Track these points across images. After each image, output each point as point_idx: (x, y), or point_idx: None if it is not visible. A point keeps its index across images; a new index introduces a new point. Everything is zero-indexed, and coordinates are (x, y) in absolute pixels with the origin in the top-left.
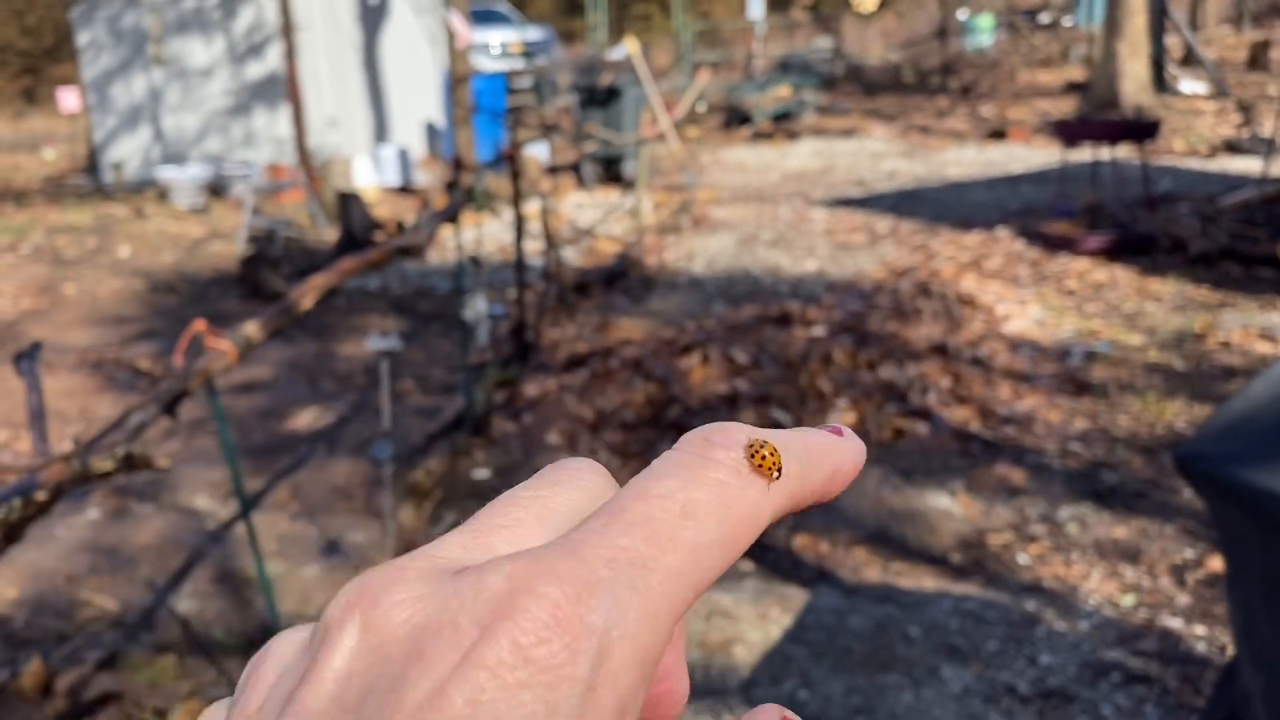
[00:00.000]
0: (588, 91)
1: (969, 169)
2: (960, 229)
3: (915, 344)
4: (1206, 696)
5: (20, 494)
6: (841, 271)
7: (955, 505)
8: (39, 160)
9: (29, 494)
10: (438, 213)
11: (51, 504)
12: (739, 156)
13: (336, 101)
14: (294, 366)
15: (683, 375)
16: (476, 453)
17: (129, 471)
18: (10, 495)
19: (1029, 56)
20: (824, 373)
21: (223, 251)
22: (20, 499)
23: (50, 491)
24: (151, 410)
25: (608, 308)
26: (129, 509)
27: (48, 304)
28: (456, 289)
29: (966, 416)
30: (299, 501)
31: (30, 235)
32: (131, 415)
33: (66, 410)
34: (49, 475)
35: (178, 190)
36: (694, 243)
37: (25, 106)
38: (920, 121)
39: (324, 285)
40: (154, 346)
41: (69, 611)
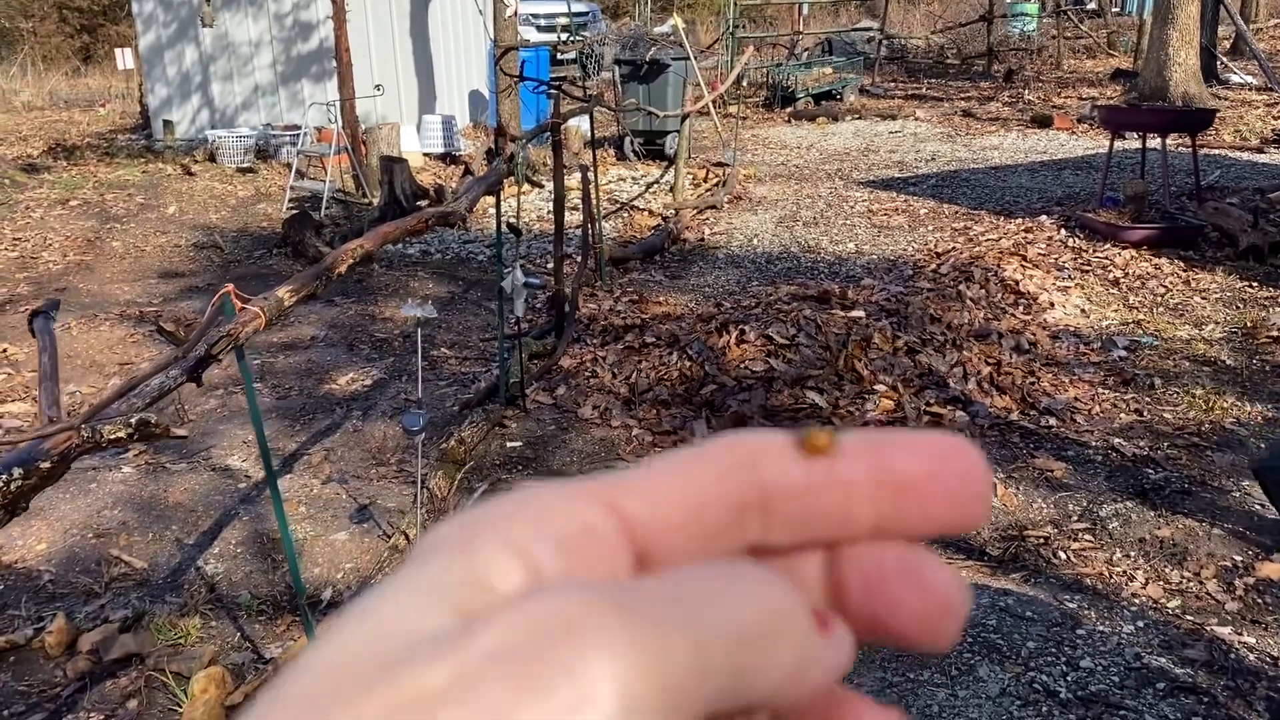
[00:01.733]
0: (631, 66)
1: (1012, 154)
2: (1002, 215)
3: (955, 330)
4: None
5: (22, 463)
6: (881, 253)
7: (994, 497)
8: (93, 116)
9: (31, 463)
10: (478, 180)
11: (57, 474)
12: (780, 135)
13: (383, 69)
14: (334, 327)
15: (719, 353)
16: (510, 423)
17: (144, 440)
18: (11, 464)
19: (1074, 43)
20: (862, 356)
21: (268, 212)
22: (22, 468)
23: (55, 460)
24: (175, 374)
25: (645, 282)
26: (163, 465)
27: (94, 258)
28: (495, 257)
29: (1007, 406)
30: (332, 465)
31: (80, 190)
32: (151, 380)
33: (106, 364)
34: (55, 443)
35: (226, 151)
36: (733, 220)
37: (83, 64)
38: (963, 105)
39: (360, 251)
40: (197, 303)
41: (97, 568)
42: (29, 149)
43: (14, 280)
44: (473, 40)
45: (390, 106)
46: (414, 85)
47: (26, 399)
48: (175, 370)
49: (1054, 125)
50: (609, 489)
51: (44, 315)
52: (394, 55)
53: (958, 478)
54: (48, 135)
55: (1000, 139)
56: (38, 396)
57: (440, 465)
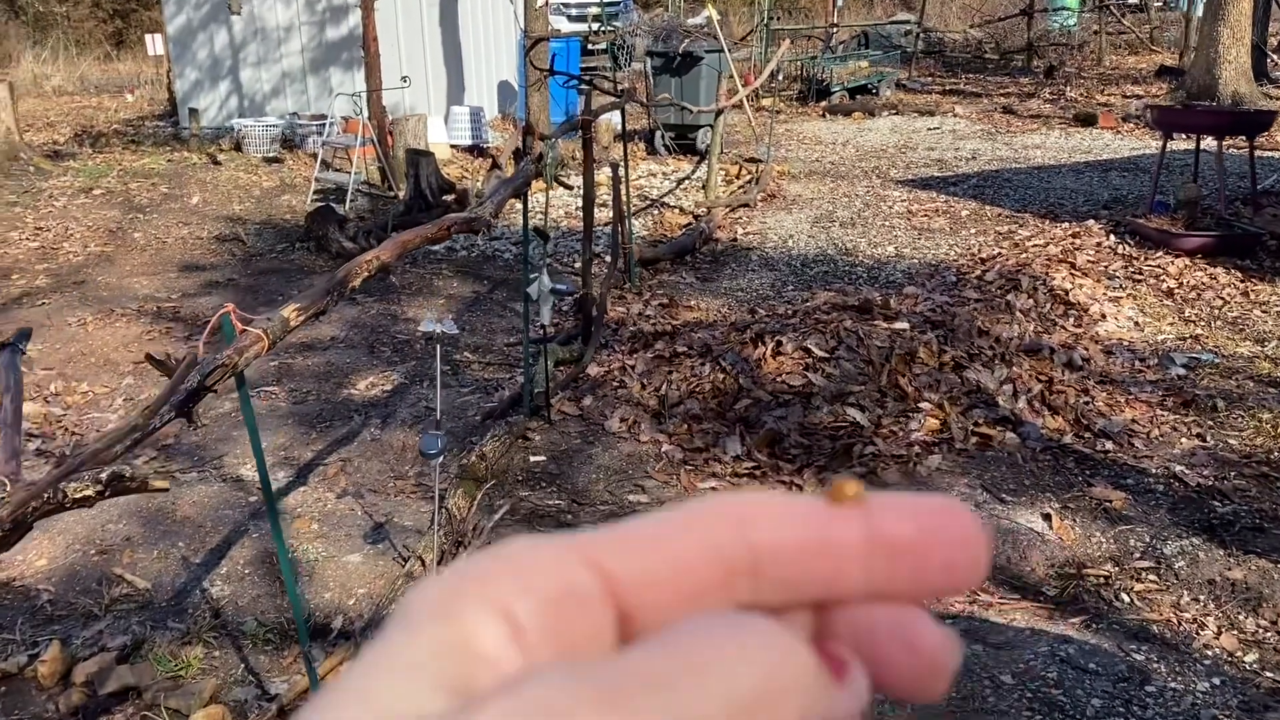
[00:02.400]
0: (663, 58)
1: (1055, 154)
2: (1048, 218)
3: (1004, 343)
4: None
5: None
6: (922, 257)
7: (1048, 529)
8: (121, 103)
9: None
10: (504, 183)
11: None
12: (814, 130)
13: (412, 59)
14: (355, 327)
15: (754, 365)
16: (534, 435)
17: (117, 495)
18: None
19: (1116, 38)
20: (906, 371)
21: (292, 204)
22: None
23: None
24: (164, 414)
25: (675, 284)
26: (172, 475)
27: (115, 249)
28: (522, 260)
29: (1059, 427)
30: (348, 477)
31: (105, 179)
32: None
33: (120, 362)
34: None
35: (252, 140)
36: (766, 219)
37: (115, 49)
38: (1003, 102)
39: (376, 263)
40: (215, 299)
41: (98, 588)
42: (56, 135)
43: (33, 272)
44: (502, 30)
45: (418, 97)
46: (442, 76)
47: (38, 399)
48: (165, 408)
49: (1098, 124)
50: (593, 546)
51: (11, 348)
52: (423, 45)
53: (953, 543)
54: (75, 121)
55: (1043, 138)
56: None
57: (460, 482)
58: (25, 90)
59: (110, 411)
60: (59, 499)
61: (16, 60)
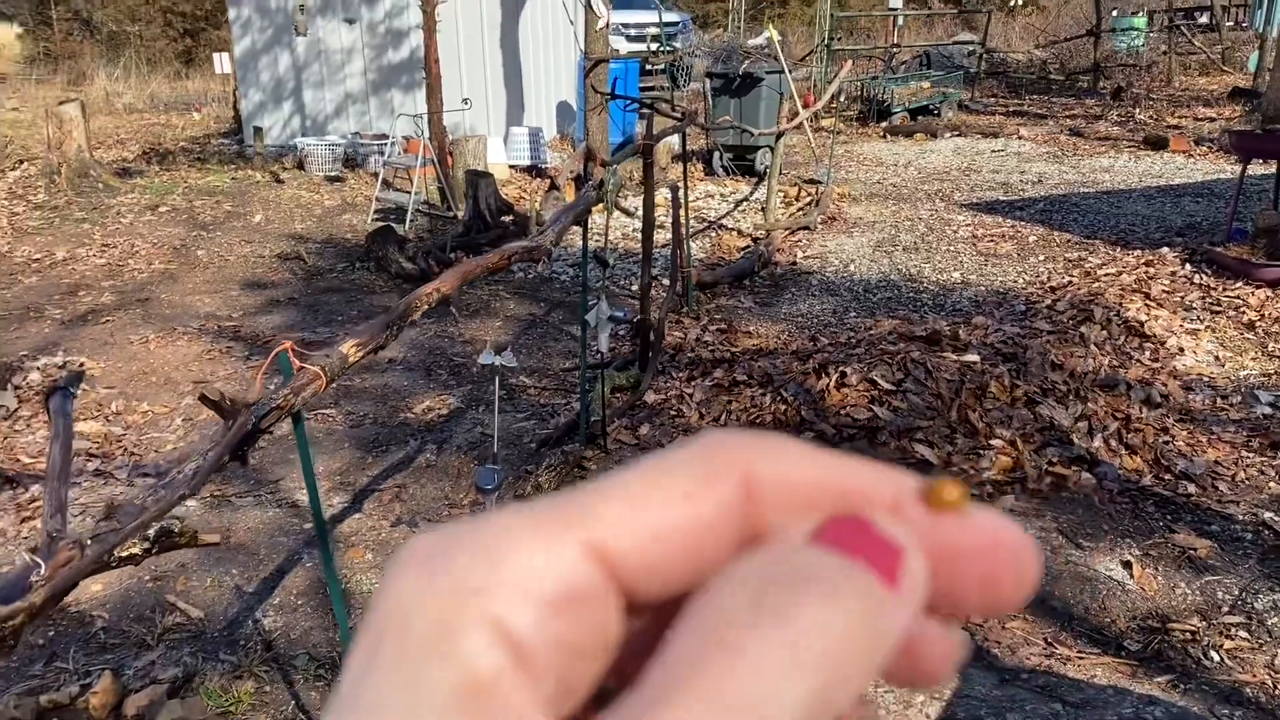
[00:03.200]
0: (722, 79)
1: (1124, 178)
2: (1119, 245)
3: (1079, 378)
4: None
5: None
6: (989, 284)
7: (1129, 577)
8: (189, 121)
9: (17, 597)
10: (565, 210)
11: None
12: (876, 151)
13: (473, 80)
14: (414, 348)
15: (817, 396)
16: (590, 464)
17: (165, 551)
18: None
19: (1185, 59)
20: (977, 406)
21: (353, 222)
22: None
23: (46, 595)
24: (217, 454)
25: (733, 309)
26: (229, 500)
27: (178, 266)
28: (580, 287)
29: (1138, 468)
30: (402, 504)
31: (171, 196)
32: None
33: (180, 381)
34: (50, 568)
35: (315, 159)
36: (827, 242)
37: (184, 68)
38: (1069, 124)
39: (437, 295)
40: (276, 318)
41: (151, 616)
42: (125, 152)
43: (99, 288)
44: (562, 51)
45: (478, 118)
46: (502, 97)
47: (99, 418)
48: (217, 450)
49: (1169, 147)
50: (588, 520)
51: (63, 392)
52: (484, 66)
53: (1006, 559)
54: (144, 139)
55: (1111, 161)
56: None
57: None
58: (97, 108)
59: (169, 431)
60: (104, 559)
61: (91, 78)
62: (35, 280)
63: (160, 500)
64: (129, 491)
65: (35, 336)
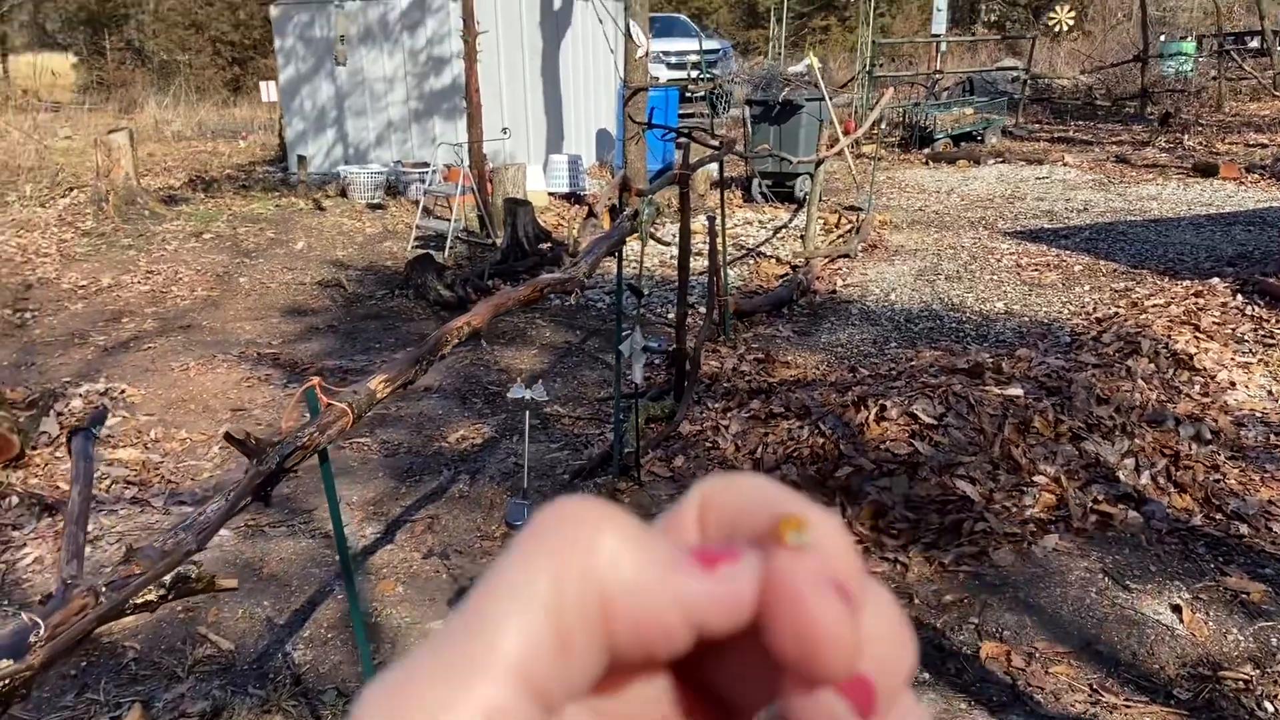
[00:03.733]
0: (762, 106)
1: (1173, 206)
2: (1167, 275)
3: (1125, 413)
4: None
5: (15, 651)
6: (1033, 315)
7: (1178, 622)
8: (235, 148)
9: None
10: (599, 241)
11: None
12: (918, 178)
13: (513, 109)
14: (450, 375)
15: (855, 430)
16: (623, 496)
17: (182, 597)
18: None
19: (1236, 84)
20: (1020, 441)
21: (393, 250)
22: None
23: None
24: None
25: (771, 338)
26: (262, 530)
27: (220, 293)
28: (615, 316)
29: (1187, 507)
30: (435, 535)
31: (215, 223)
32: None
33: (219, 409)
34: (65, 615)
35: (356, 187)
36: (868, 270)
37: (232, 95)
38: (1116, 150)
39: (467, 329)
40: (315, 345)
41: (183, 648)
42: (172, 180)
43: (142, 315)
44: (602, 78)
45: (518, 145)
46: (542, 125)
47: (138, 445)
48: (236, 494)
49: (1219, 174)
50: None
51: (85, 434)
52: (524, 95)
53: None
54: (191, 166)
55: (1159, 188)
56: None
57: None
58: (146, 135)
59: (206, 459)
60: (119, 606)
61: (141, 106)
62: (81, 307)
63: (180, 543)
64: (164, 520)
65: (79, 363)
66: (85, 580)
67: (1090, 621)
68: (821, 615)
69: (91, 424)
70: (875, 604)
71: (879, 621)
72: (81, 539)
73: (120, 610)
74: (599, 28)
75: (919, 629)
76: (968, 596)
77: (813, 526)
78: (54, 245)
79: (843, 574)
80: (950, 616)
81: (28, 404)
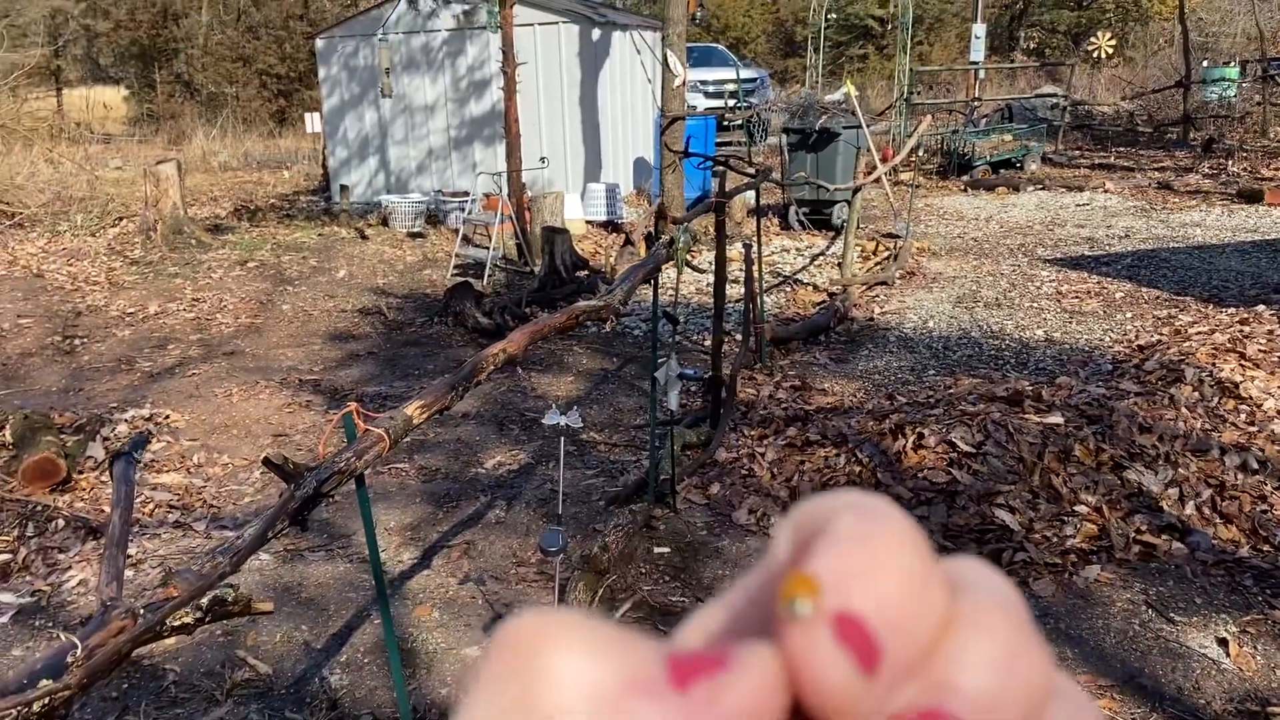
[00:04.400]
0: (799, 134)
1: (1217, 232)
2: (1211, 302)
3: (1169, 441)
4: None
5: (55, 671)
6: (1074, 342)
7: (1225, 656)
8: (279, 178)
9: (58, 674)
10: (634, 269)
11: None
12: (956, 205)
13: (552, 138)
14: (488, 401)
15: (893, 458)
16: (659, 524)
17: (218, 620)
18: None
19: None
20: (1061, 470)
21: (433, 278)
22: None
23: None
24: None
25: (808, 365)
26: (301, 554)
27: (264, 320)
28: (651, 343)
29: (1234, 538)
30: (471, 561)
31: (259, 251)
32: (245, 531)
33: (260, 434)
34: (103, 637)
35: (398, 215)
36: (905, 298)
37: (278, 127)
38: (1158, 176)
39: (503, 356)
40: (354, 371)
41: (221, 671)
42: (218, 209)
43: (187, 341)
44: (640, 108)
45: (557, 174)
46: (580, 153)
47: (181, 470)
48: (266, 519)
49: (1265, 200)
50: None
51: (126, 458)
52: (563, 124)
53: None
54: (237, 196)
55: (1203, 215)
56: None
57: (581, 574)
58: (194, 166)
59: (247, 484)
60: (155, 629)
61: (190, 138)
62: (128, 333)
63: (216, 566)
64: (206, 543)
65: (125, 388)
66: (124, 602)
67: (1134, 654)
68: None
69: (133, 449)
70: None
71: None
72: (121, 562)
73: (158, 632)
74: (637, 58)
75: None
76: None
77: (825, 579)
78: (103, 273)
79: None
80: None
81: (75, 429)
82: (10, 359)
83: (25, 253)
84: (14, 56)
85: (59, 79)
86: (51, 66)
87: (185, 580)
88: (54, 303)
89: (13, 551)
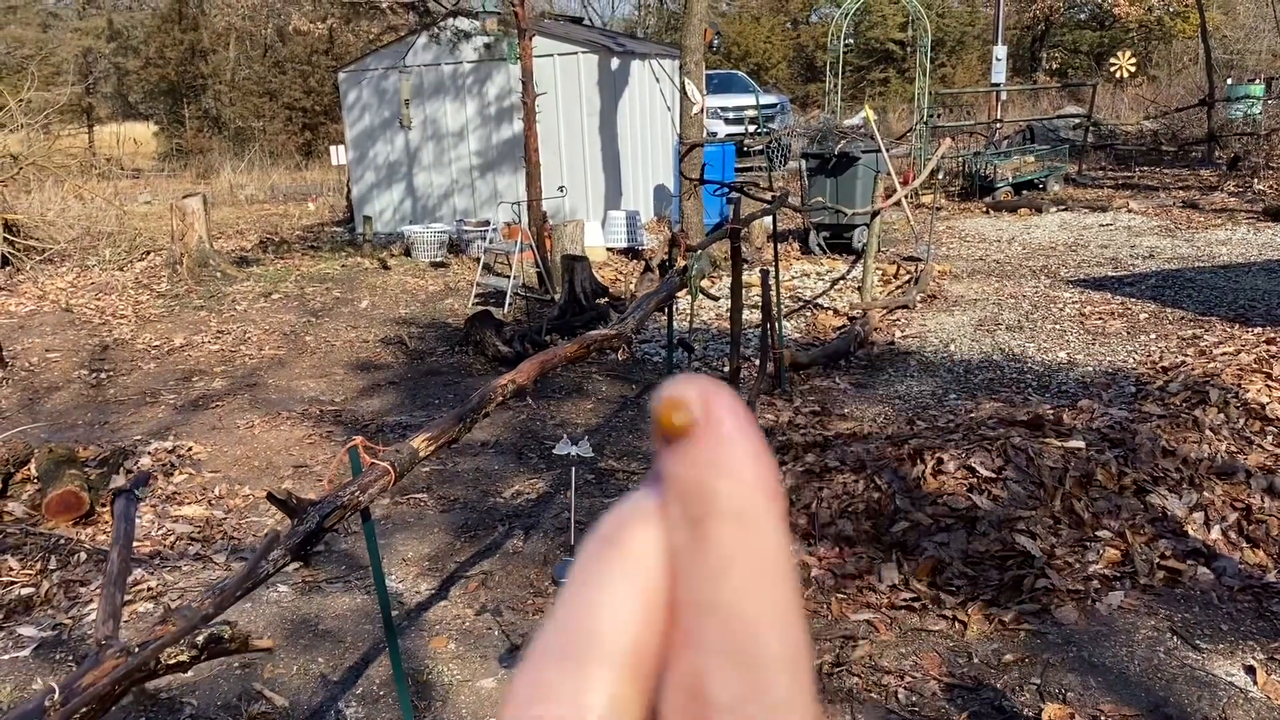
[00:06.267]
0: (819, 159)
1: (1243, 251)
2: (1237, 322)
3: (1193, 465)
4: None
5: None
6: (1097, 365)
7: (1252, 684)
8: (304, 210)
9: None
10: (648, 296)
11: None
12: (978, 227)
13: (572, 166)
14: (507, 429)
15: (912, 484)
16: None
17: (215, 657)
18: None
19: None
20: (1083, 495)
21: (454, 307)
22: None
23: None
24: (277, 557)
25: (828, 390)
26: (319, 585)
27: (287, 352)
28: (666, 370)
29: (1261, 563)
30: (488, 591)
31: (284, 283)
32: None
33: (281, 466)
34: (94, 676)
35: (420, 245)
36: (927, 321)
37: (304, 160)
38: (1183, 196)
39: (512, 387)
40: (376, 402)
41: (238, 704)
42: (244, 242)
43: (212, 374)
44: (659, 135)
45: (577, 202)
46: (601, 181)
47: (202, 501)
48: (278, 552)
49: None
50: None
51: (128, 496)
52: (583, 152)
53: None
54: (262, 228)
55: (1228, 233)
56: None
57: None
58: (221, 199)
59: (267, 516)
60: (151, 667)
61: (218, 172)
62: (154, 366)
63: (212, 603)
64: (226, 576)
65: (150, 421)
66: (119, 641)
67: (1158, 683)
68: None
69: (134, 486)
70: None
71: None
72: (119, 600)
73: (150, 671)
74: (656, 86)
75: (978, 689)
76: (1029, 655)
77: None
78: (130, 307)
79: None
80: (1011, 676)
81: (99, 461)
82: (39, 393)
83: (55, 287)
84: (46, 94)
85: (90, 116)
86: (83, 104)
87: (183, 618)
88: (82, 337)
89: (35, 585)
